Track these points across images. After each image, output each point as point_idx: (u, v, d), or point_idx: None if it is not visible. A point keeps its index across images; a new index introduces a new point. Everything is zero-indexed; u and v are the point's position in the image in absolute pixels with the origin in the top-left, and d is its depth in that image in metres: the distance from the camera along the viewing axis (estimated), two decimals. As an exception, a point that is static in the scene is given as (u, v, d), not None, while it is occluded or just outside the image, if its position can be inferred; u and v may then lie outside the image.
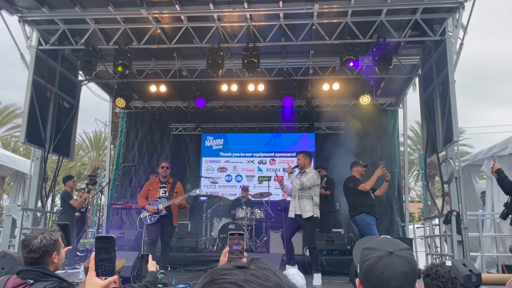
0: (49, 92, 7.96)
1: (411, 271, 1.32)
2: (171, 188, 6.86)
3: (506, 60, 75.49)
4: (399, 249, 1.36)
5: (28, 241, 2.31)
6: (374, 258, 1.34)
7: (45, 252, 2.30)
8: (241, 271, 0.80)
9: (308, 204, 6.30)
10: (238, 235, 1.76)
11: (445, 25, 7.20)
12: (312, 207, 6.29)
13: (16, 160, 10.38)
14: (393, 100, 10.93)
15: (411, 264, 1.33)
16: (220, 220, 9.20)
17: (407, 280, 1.31)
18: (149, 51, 8.79)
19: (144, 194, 6.91)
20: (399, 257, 1.33)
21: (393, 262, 1.32)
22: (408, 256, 1.34)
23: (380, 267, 1.32)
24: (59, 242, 2.40)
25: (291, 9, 7.01)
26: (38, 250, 2.28)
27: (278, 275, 0.82)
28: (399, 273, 1.31)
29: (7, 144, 23.66)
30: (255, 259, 0.87)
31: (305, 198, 6.34)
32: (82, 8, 7.23)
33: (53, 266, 2.36)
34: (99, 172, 23.87)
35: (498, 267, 7.27)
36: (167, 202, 6.69)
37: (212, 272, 0.83)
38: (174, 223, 6.85)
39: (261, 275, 0.80)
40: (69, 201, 8.27)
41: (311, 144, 11.09)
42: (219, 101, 10.93)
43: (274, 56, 8.99)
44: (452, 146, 7.03)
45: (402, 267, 1.31)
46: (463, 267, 4.85)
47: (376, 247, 1.37)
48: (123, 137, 11.55)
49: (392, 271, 1.31)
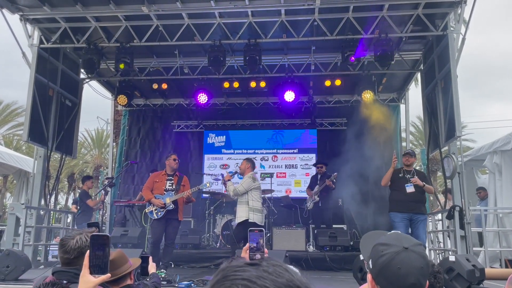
0: (51, 90, 7.98)
1: (426, 266, 1.34)
2: (178, 181, 6.60)
3: (507, 55, 75.22)
4: (413, 244, 1.37)
5: (65, 242, 2.30)
6: (390, 254, 1.34)
7: (80, 253, 2.28)
8: (253, 267, 0.81)
9: (242, 209, 6.44)
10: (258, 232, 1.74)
11: (447, 20, 7.17)
12: (247, 212, 6.39)
13: (18, 159, 10.41)
14: (395, 96, 10.91)
15: (425, 259, 1.35)
16: (223, 217, 9.22)
17: (422, 275, 1.33)
18: (151, 48, 8.78)
19: (149, 186, 6.57)
20: (414, 252, 1.34)
21: (409, 257, 1.33)
22: (422, 252, 1.36)
23: (397, 263, 1.32)
24: None
25: (293, 5, 6.99)
26: (73, 251, 2.26)
27: (290, 272, 0.82)
28: (416, 268, 1.32)
29: (9, 143, 23.72)
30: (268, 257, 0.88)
31: (240, 204, 6.50)
32: (83, 6, 7.23)
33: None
34: (101, 170, 23.93)
35: (501, 262, 7.27)
36: (174, 196, 6.42)
37: (224, 269, 0.83)
38: (179, 217, 6.59)
39: (273, 272, 0.80)
40: (86, 200, 8.30)
41: (313, 140, 11.09)
42: (221, 98, 10.93)
43: (275, 53, 8.98)
44: (455, 141, 7.02)
45: (418, 262, 1.33)
46: (466, 262, 4.85)
47: (390, 243, 1.38)
48: (125, 135, 11.57)
49: (410, 266, 1.31)
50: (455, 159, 6.83)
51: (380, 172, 10.55)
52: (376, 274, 1.38)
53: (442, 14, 7.24)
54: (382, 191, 10.44)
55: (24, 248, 6.88)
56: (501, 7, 74.49)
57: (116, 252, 2.74)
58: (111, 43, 7.88)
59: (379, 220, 10.07)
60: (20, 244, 6.85)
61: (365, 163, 10.48)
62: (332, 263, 7.51)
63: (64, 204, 27.51)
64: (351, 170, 9.10)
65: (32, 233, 7.35)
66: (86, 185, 8.77)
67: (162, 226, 6.47)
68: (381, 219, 10.13)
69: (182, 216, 6.75)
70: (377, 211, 10.12)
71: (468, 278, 4.70)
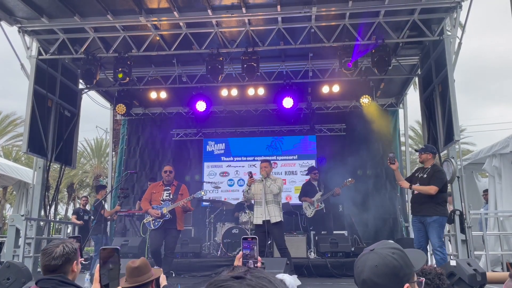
0: (50, 101, 8.00)
1: (383, 265, 1.37)
2: (176, 190, 6.67)
3: (504, 57, 75.56)
4: (381, 247, 1.43)
5: (50, 249, 2.32)
6: (360, 256, 1.47)
7: (67, 259, 2.31)
8: (237, 281, 0.83)
9: (277, 209, 6.42)
10: (251, 240, 1.74)
11: (443, 25, 7.22)
12: (280, 212, 6.47)
13: (18, 170, 10.40)
14: (393, 101, 10.94)
15: (384, 260, 1.38)
16: (224, 225, 9.19)
17: (375, 274, 1.37)
18: (149, 58, 8.82)
19: (147, 198, 6.72)
20: (376, 254, 1.41)
21: (368, 257, 1.42)
22: (384, 253, 1.39)
23: (357, 263, 1.44)
24: (78, 252, 2.42)
25: (289, 13, 7.04)
26: (60, 257, 2.29)
27: (273, 283, 0.84)
28: (370, 267, 1.38)
29: (9, 154, 23.70)
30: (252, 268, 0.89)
31: (275, 204, 6.44)
32: (81, 17, 7.27)
33: (72, 275, 2.36)
34: (101, 180, 23.90)
35: (503, 265, 7.25)
36: (171, 205, 6.50)
37: (210, 284, 0.85)
38: (178, 227, 6.63)
39: (257, 285, 0.82)
40: (100, 210, 8.24)
41: (313, 147, 11.10)
42: (220, 106, 10.95)
43: (273, 60, 9.02)
44: (454, 145, 7.03)
45: (373, 261, 1.39)
46: (468, 267, 4.85)
47: (368, 247, 1.48)
48: (125, 144, 11.58)
49: (364, 265, 1.41)
50: (454, 163, 6.84)
51: (380, 177, 10.61)
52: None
53: (438, 19, 7.29)
54: (382, 195, 10.47)
55: (24, 259, 6.86)
56: (497, 11, 74.96)
57: (140, 260, 2.85)
58: (109, 53, 7.91)
59: (380, 225, 10.07)
60: (21, 255, 6.83)
61: (364, 168, 10.50)
62: (334, 269, 7.48)
63: (64, 215, 27.43)
64: (351, 175, 9.10)
65: (32, 244, 7.33)
66: (101, 195, 8.66)
67: (160, 235, 6.54)
68: (381, 224, 10.14)
69: (182, 226, 6.78)
70: (377, 216, 10.12)
71: (469, 282, 4.69)
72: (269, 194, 6.42)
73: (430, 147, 6.14)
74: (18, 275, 5.42)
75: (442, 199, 5.82)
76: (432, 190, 5.76)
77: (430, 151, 5.98)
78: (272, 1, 6.87)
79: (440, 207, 5.79)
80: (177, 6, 6.94)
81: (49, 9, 7.15)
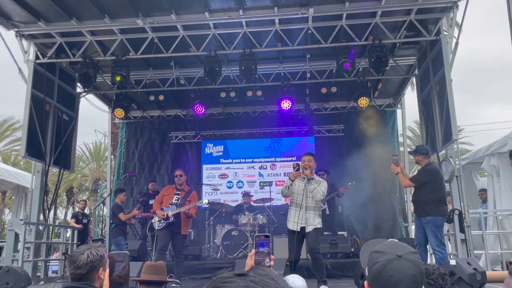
0: (48, 105, 7.99)
1: (419, 274, 1.36)
2: (185, 196, 6.89)
3: (502, 57, 75.77)
4: (407, 252, 1.39)
5: (75, 257, 2.29)
6: (383, 262, 1.37)
7: (92, 267, 2.28)
8: (240, 278, 0.84)
9: (318, 216, 5.63)
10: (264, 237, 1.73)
11: (439, 25, 7.24)
12: (320, 218, 5.70)
13: (17, 174, 10.39)
14: (391, 101, 10.96)
15: (419, 268, 1.36)
16: (223, 227, 9.19)
17: (415, 282, 1.34)
18: (146, 60, 8.82)
19: (159, 199, 7.01)
20: (408, 260, 1.36)
21: (402, 265, 1.35)
22: (416, 260, 1.37)
23: (389, 270, 1.35)
24: (105, 258, 2.37)
25: (286, 14, 7.05)
26: (85, 266, 2.26)
27: (277, 281, 0.85)
28: (408, 276, 1.34)
29: (7, 158, 23.67)
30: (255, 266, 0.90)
31: (316, 210, 5.62)
32: (78, 21, 7.27)
33: (99, 282, 2.32)
34: (100, 183, 23.87)
35: (503, 264, 7.25)
36: (176, 210, 6.74)
37: (214, 281, 0.86)
38: (182, 231, 6.85)
39: (260, 281, 0.83)
40: (118, 214, 8.18)
41: (311, 148, 11.09)
42: (218, 108, 10.95)
43: (271, 62, 9.03)
44: (452, 145, 7.04)
45: (411, 270, 1.34)
46: (467, 266, 4.85)
47: (385, 251, 1.40)
48: (123, 147, 11.58)
49: (401, 274, 1.34)
50: (453, 163, 6.85)
51: (379, 178, 10.61)
52: (370, 281, 1.41)
53: (435, 19, 7.31)
54: (381, 196, 10.47)
55: (23, 264, 6.83)
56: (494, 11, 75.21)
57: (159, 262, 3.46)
58: (107, 56, 7.91)
59: (380, 226, 10.07)
60: (20, 260, 6.80)
61: (363, 169, 10.49)
62: (334, 270, 7.48)
63: (63, 219, 27.38)
64: (350, 176, 9.11)
65: (31, 248, 7.31)
66: (119, 198, 8.57)
67: (167, 236, 6.77)
68: (381, 225, 10.14)
69: (186, 230, 7.03)
70: (377, 217, 10.13)
71: (469, 281, 4.70)
72: (310, 198, 5.53)
73: (420, 149, 6.12)
74: (17, 280, 5.42)
75: (436, 198, 5.79)
76: (403, 182, 6.11)
77: (419, 153, 6.00)
78: (269, 3, 6.88)
79: (433, 207, 5.75)
80: (174, 9, 6.94)
81: (46, 13, 7.16)
